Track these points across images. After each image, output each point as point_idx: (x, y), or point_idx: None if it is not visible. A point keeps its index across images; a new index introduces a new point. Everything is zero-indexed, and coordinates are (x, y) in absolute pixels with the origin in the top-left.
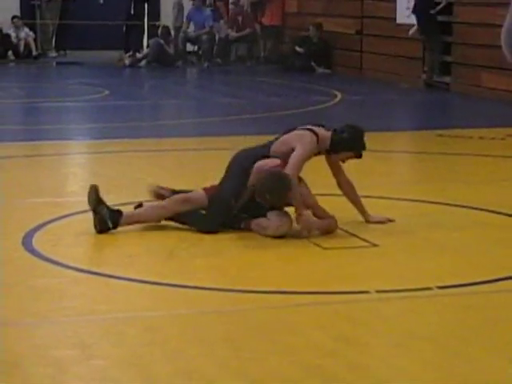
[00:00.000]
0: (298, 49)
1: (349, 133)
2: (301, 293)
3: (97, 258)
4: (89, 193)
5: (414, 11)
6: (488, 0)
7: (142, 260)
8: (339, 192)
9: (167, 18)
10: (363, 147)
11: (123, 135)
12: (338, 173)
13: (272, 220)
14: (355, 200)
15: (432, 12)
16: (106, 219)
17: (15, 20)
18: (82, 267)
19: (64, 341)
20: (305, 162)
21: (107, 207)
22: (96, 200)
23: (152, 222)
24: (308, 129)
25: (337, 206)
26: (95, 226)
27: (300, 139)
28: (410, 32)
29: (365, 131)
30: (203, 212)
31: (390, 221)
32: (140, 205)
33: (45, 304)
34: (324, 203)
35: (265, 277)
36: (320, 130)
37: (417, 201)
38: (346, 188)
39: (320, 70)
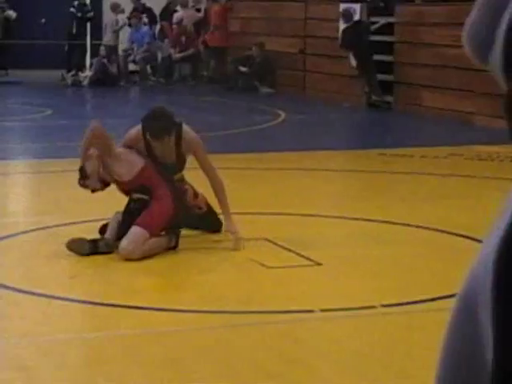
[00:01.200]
0: (241, 68)
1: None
2: (244, 312)
3: (37, 279)
4: (76, 249)
5: (345, 45)
6: (427, 20)
7: (83, 280)
8: (285, 211)
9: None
10: (150, 126)
11: (66, 155)
12: (202, 169)
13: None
14: (220, 199)
15: (367, 34)
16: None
17: None
18: (23, 288)
19: (4, 363)
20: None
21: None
22: (90, 248)
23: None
24: None
25: (280, 223)
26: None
27: None
28: (353, 63)
29: (160, 112)
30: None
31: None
32: (104, 226)
33: None
34: (261, 222)
35: (207, 296)
36: None
37: (359, 219)
38: (212, 184)
39: (263, 89)
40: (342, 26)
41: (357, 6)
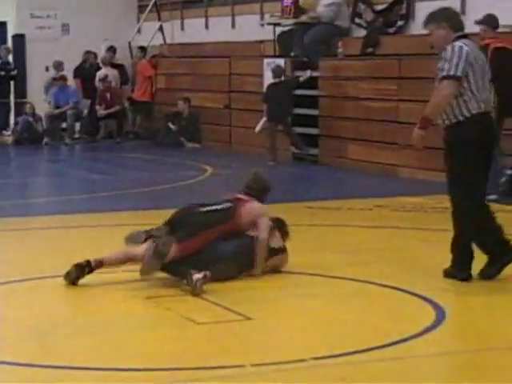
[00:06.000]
0: (171, 126)
1: None
2: (176, 369)
3: None
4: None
5: (269, 99)
6: (349, 74)
7: (11, 341)
8: None
9: (34, 95)
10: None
11: None
12: None
13: None
14: None
15: (291, 90)
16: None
17: None
18: None
19: None
20: None
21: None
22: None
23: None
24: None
25: None
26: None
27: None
28: (258, 128)
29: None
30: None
31: None
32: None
33: None
34: None
35: (140, 355)
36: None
37: (289, 272)
38: None
39: (189, 144)
40: (270, 81)
41: (281, 61)
